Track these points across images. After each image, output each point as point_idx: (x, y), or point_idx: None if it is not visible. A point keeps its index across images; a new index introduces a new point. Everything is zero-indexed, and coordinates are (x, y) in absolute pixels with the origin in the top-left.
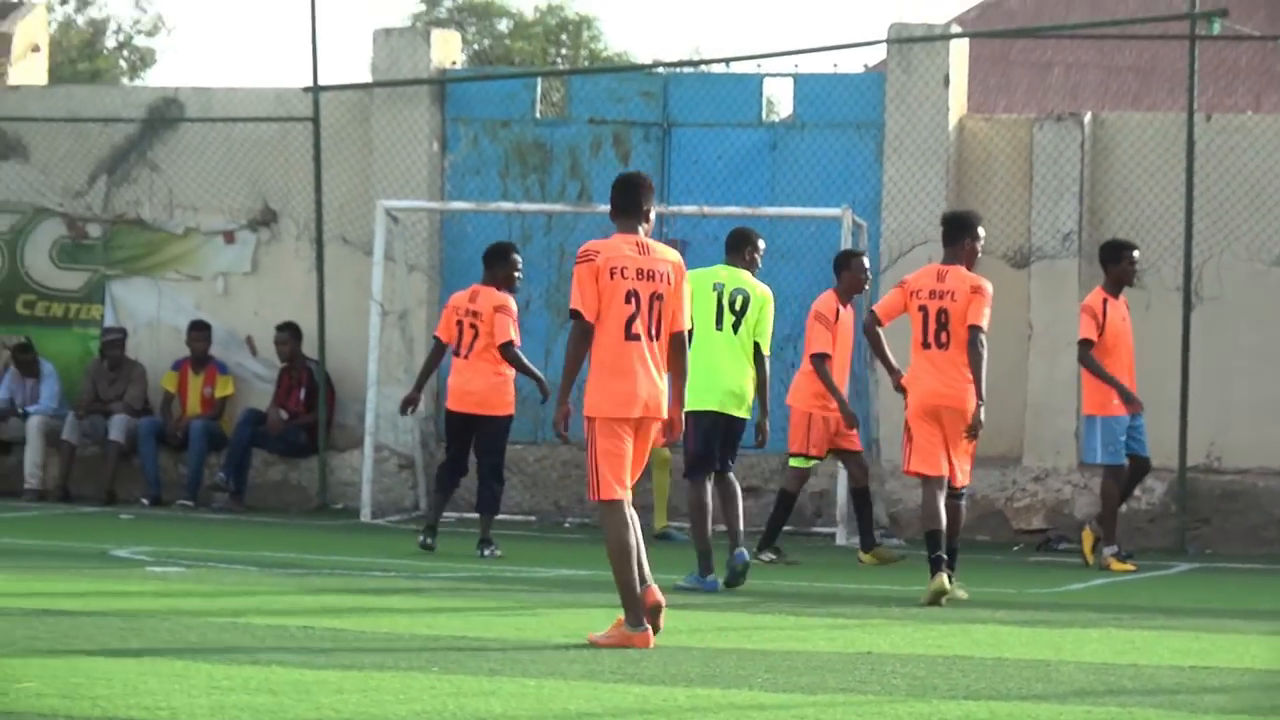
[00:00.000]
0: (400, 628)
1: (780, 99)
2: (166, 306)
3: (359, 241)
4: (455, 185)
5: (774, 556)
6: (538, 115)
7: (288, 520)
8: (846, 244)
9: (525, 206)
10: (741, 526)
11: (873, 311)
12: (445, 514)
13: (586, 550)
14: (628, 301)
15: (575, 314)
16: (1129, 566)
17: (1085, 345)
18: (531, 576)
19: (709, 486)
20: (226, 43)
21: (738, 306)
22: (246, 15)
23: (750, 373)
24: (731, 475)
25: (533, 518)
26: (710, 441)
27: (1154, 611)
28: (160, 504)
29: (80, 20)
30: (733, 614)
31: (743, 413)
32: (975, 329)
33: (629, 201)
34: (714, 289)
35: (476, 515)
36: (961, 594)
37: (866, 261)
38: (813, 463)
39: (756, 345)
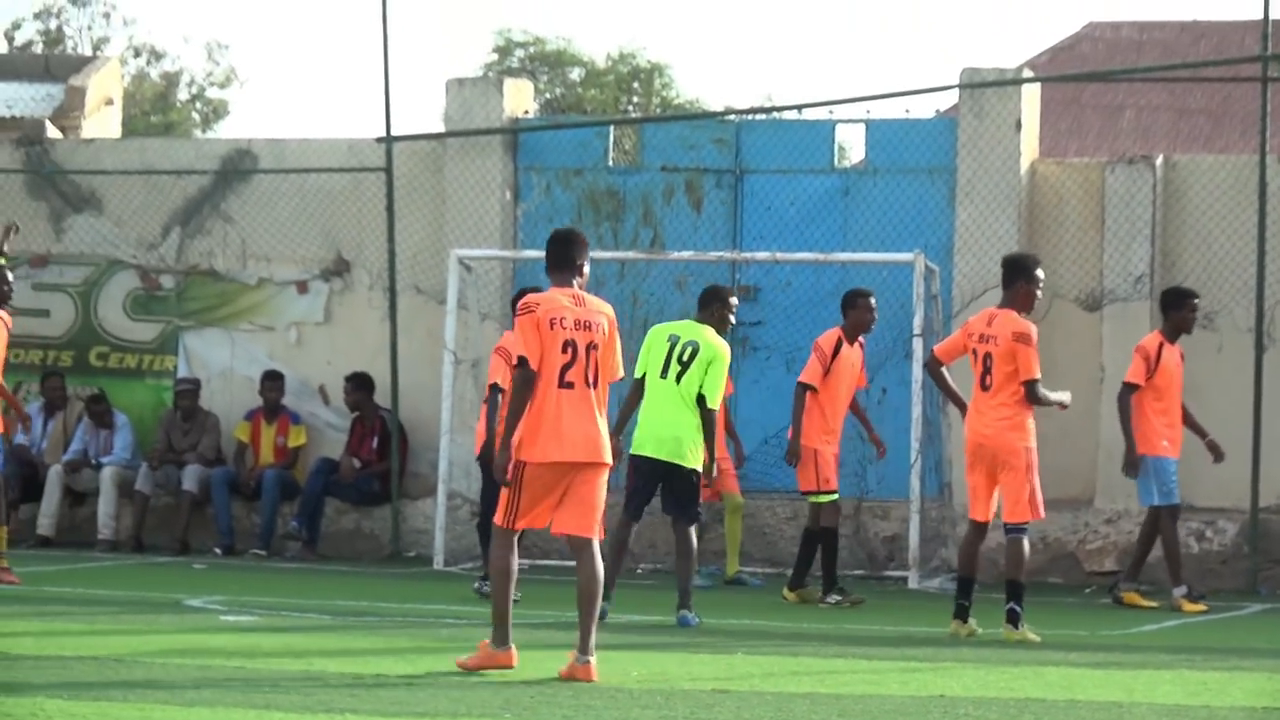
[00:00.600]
0: (473, 674)
1: (852, 144)
2: (240, 357)
3: (432, 290)
4: (528, 234)
5: (840, 598)
6: (610, 163)
7: (361, 569)
8: (919, 290)
9: (598, 254)
10: (690, 585)
11: (933, 351)
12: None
13: (659, 596)
14: (564, 351)
15: (522, 362)
16: (1200, 607)
17: (1128, 389)
18: (607, 622)
19: (633, 529)
20: (299, 94)
21: (685, 357)
22: (319, 67)
23: (694, 421)
24: (688, 529)
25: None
26: (644, 484)
27: (1226, 653)
28: (233, 553)
29: (154, 73)
30: (806, 658)
31: (686, 461)
32: (1029, 384)
33: (563, 257)
34: (668, 340)
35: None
36: (1033, 637)
37: (874, 301)
38: (834, 496)
39: (701, 396)
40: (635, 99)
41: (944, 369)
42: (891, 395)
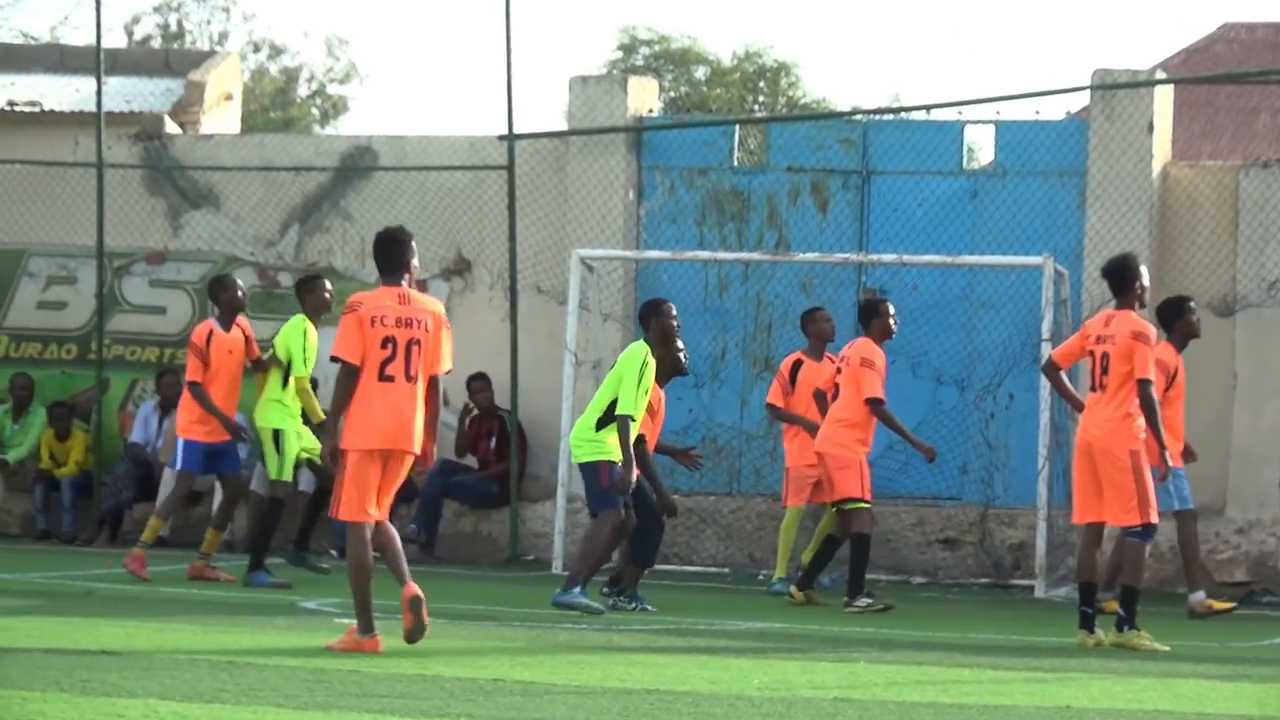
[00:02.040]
0: (592, 680)
1: (981, 146)
2: None
3: (553, 291)
4: (651, 234)
5: (870, 600)
6: (735, 163)
7: (478, 572)
8: (1048, 293)
9: (722, 255)
10: (580, 571)
11: (1050, 355)
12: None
13: (781, 603)
14: (384, 347)
15: (338, 359)
16: (1229, 605)
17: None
18: (725, 629)
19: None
20: (420, 90)
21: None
22: (440, 63)
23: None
24: (595, 521)
25: (727, 570)
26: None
27: None
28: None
29: (273, 69)
30: (930, 667)
31: (579, 457)
32: (1142, 382)
33: (390, 258)
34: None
35: (649, 567)
36: (1155, 645)
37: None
38: (862, 504)
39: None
40: (761, 98)
41: (1061, 373)
42: (1019, 401)
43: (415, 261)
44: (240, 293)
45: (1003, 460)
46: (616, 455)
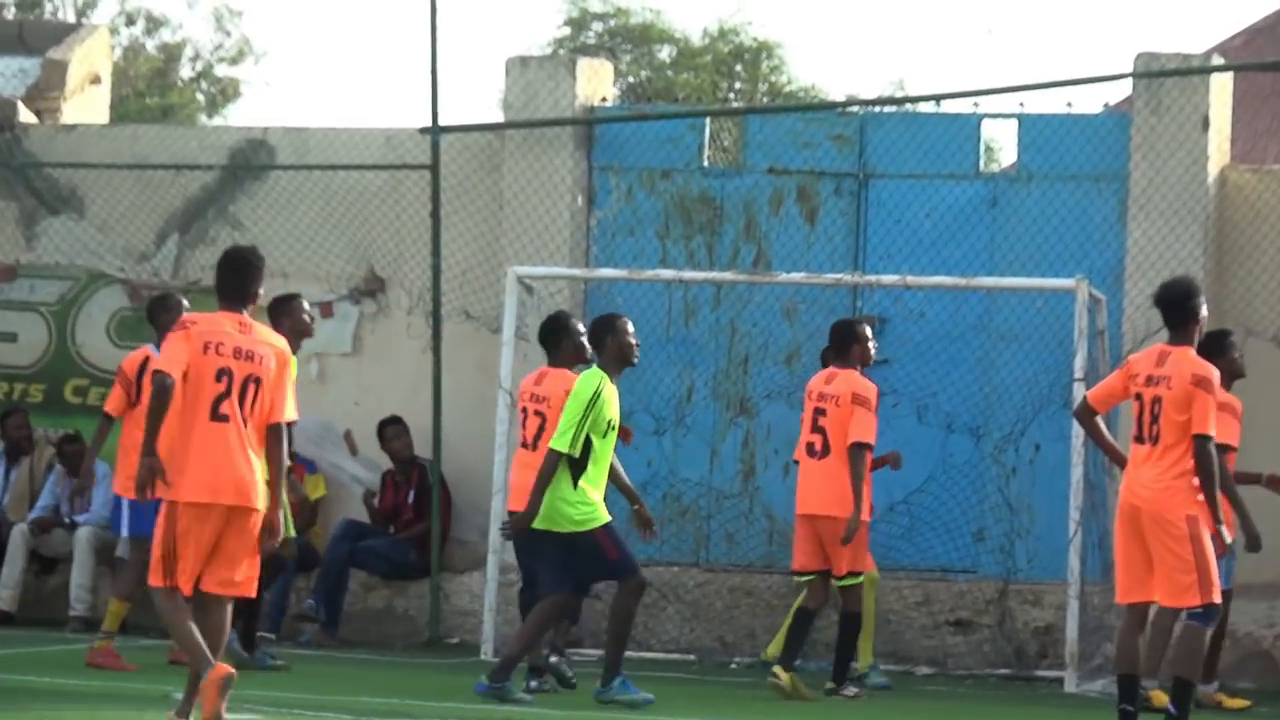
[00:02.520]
0: None
1: (1002, 144)
2: None
3: (485, 316)
4: (604, 249)
5: (857, 690)
6: (705, 163)
7: (392, 658)
8: (1081, 322)
9: (689, 275)
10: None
11: (1085, 396)
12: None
13: (757, 697)
14: (218, 380)
15: (157, 372)
16: (1243, 703)
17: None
18: None
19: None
20: (326, 74)
21: None
22: (351, 41)
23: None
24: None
25: (691, 656)
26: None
27: None
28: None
29: (150, 45)
30: None
31: (564, 526)
32: (1200, 439)
33: (235, 285)
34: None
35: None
36: None
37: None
38: (858, 579)
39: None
40: (737, 85)
41: (1098, 419)
42: (1046, 453)
43: (262, 291)
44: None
45: (1026, 526)
46: (606, 514)
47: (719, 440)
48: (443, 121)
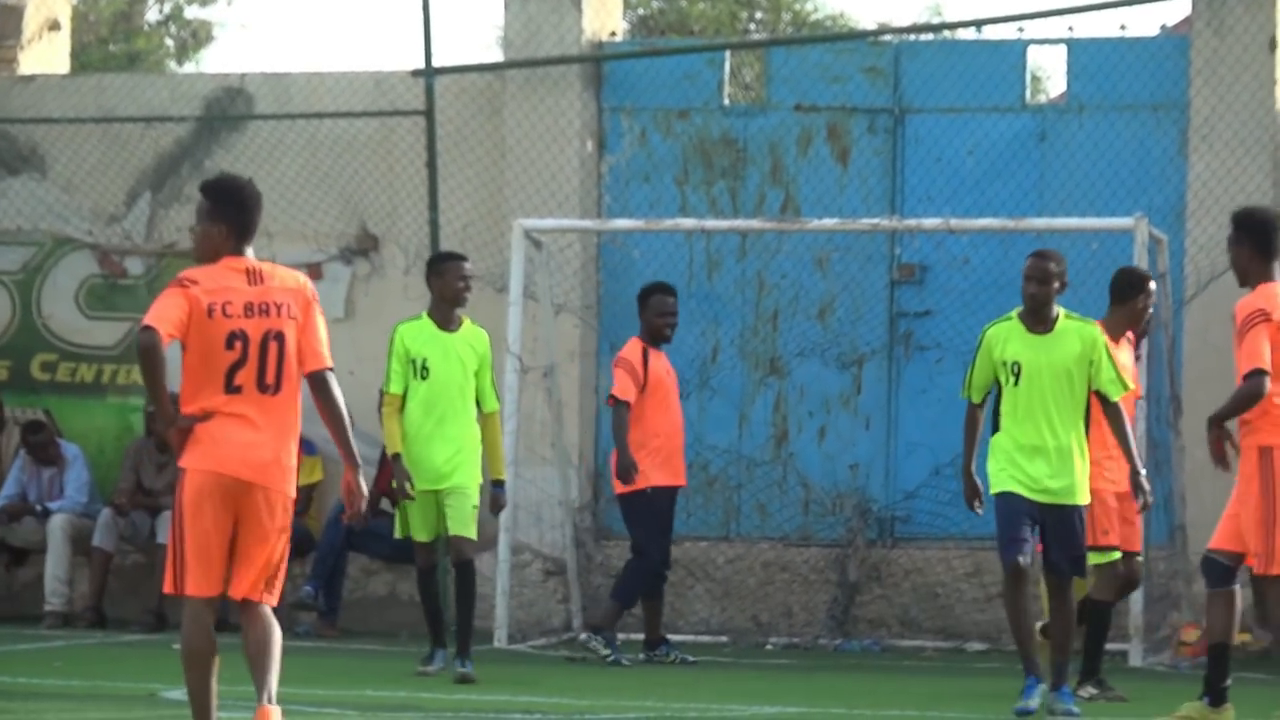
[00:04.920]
0: None
1: (1050, 73)
2: None
3: (489, 275)
4: (617, 198)
5: (1095, 691)
6: (726, 102)
7: (396, 647)
8: (1141, 262)
9: (712, 224)
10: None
11: (1265, 375)
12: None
13: (796, 680)
14: (230, 346)
15: (145, 327)
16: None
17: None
18: (724, 716)
19: None
20: (308, 13)
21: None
22: None
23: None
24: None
25: (724, 638)
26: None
27: None
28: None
29: None
30: None
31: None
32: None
33: (243, 218)
34: None
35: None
36: None
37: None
38: (1112, 556)
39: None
40: (759, 15)
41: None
42: None
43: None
44: None
45: None
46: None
47: (748, 403)
48: (437, 62)
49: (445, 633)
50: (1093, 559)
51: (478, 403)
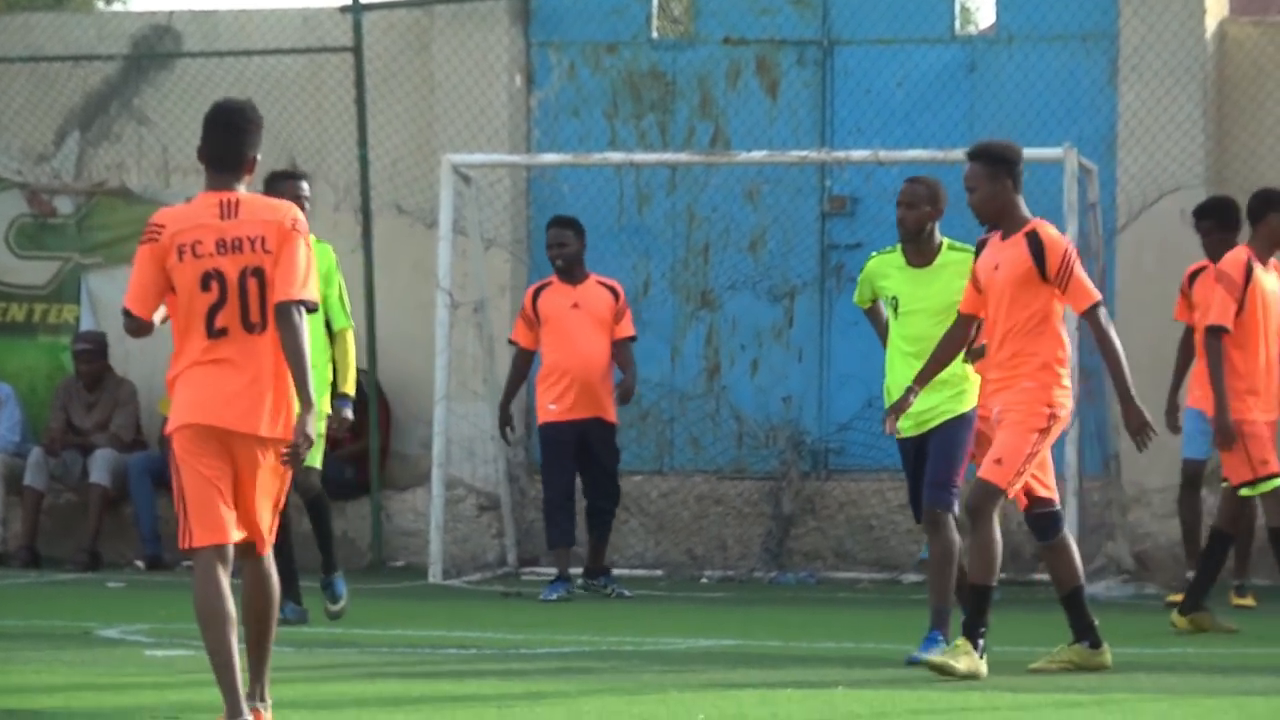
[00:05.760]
0: None
1: (980, 3)
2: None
3: (419, 210)
4: (546, 132)
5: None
6: (654, 35)
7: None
8: (1071, 195)
9: (641, 158)
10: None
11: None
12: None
13: (732, 613)
14: (205, 287)
15: (124, 311)
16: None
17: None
18: (659, 650)
19: None
20: None
21: None
22: None
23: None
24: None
25: (659, 571)
26: None
27: None
28: (161, 566)
29: None
30: (927, 692)
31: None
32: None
33: (227, 145)
34: None
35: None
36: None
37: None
38: (1274, 483)
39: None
40: None
41: None
42: None
43: (258, 157)
44: None
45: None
46: None
47: (679, 337)
48: None
49: (297, 585)
50: (1260, 489)
51: (328, 323)
